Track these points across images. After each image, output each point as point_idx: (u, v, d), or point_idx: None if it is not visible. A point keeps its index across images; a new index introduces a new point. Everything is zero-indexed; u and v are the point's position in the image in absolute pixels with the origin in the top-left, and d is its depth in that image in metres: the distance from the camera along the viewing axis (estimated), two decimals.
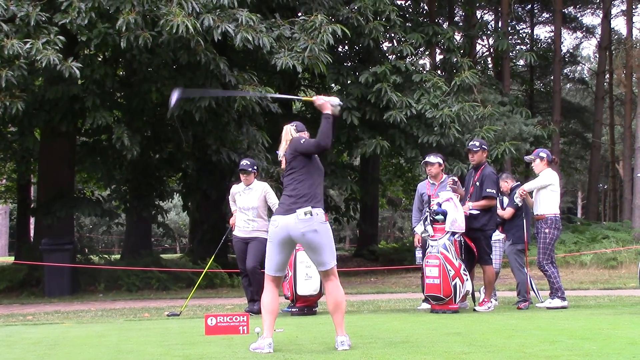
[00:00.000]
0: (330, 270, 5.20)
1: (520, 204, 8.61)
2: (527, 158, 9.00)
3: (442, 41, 18.29)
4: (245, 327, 6.24)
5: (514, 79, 28.33)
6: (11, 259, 23.42)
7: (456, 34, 20.19)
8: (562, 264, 16.60)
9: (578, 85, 36.03)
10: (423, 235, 8.22)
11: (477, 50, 26.18)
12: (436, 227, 7.91)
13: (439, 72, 19.30)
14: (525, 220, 8.65)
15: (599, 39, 28.37)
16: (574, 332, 5.97)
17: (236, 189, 8.75)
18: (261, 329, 5.20)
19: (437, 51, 21.07)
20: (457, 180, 8.48)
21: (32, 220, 19.49)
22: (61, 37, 11.07)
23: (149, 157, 16.19)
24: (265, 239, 5.89)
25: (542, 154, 8.58)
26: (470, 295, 8.27)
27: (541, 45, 30.11)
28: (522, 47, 27.90)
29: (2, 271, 16.07)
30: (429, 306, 8.12)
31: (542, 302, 8.56)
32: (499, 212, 8.68)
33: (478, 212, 8.23)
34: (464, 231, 7.98)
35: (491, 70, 27.20)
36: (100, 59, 13.91)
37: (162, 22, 11.11)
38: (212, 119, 13.48)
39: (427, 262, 7.90)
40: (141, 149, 13.56)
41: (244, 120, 13.81)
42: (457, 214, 7.90)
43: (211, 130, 13.65)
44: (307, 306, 8.29)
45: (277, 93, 15.81)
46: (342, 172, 18.26)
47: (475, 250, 8.21)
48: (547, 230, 8.32)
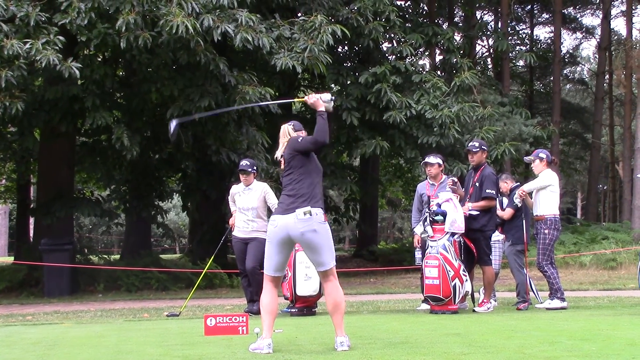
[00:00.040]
0: (329, 270, 5.20)
1: (519, 204, 8.62)
2: (526, 159, 9.00)
3: (441, 42, 18.30)
4: (244, 328, 6.24)
5: (514, 79, 28.32)
6: (11, 259, 23.41)
7: (456, 35, 20.21)
8: (562, 264, 16.59)
9: (578, 85, 36.01)
10: (422, 235, 8.22)
11: (477, 51, 26.19)
12: (436, 227, 7.90)
13: (438, 72, 19.29)
14: (525, 221, 8.65)
15: (598, 40, 28.38)
16: (573, 333, 5.97)
17: (236, 189, 8.76)
18: (260, 329, 5.20)
19: (437, 52, 21.07)
20: (456, 181, 8.48)
21: (31, 220, 19.46)
22: (61, 38, 11.07)
23: (148, 157, 16.17)
24: (264, 239, 5.87)
25: (541, 155, 8.57)
26: (470, 296, 8.27)
27: (541, 46, 30.09)
28: (521, 48, 27.89)
29: (2, 271, 16.05)
30: (428, 307, 8.12)
31: (541, 302, 8.56)
32: (499, 212, 8.68)
33: (477, 212, 8.22)
34: (463, 232, 7.98)
35: (491, 70, 27.20)
36: (100, 59, 13.91)
37: (162, 23, 11.12)
38: (212, 119, 13.47)
39: (426, 262, 7.90)
40: (141, 149, 13.55)
41: (243, 121, 13.80)
42: (456, 214, 7.90)
43: (211, 130, 13.65)
44: (306, 307, 8.29)
45: (277, 93, 15.81)
46: (341, 173, 18.23)
47: (474, 250, 8.21)
48: (547, 231, 8.31)
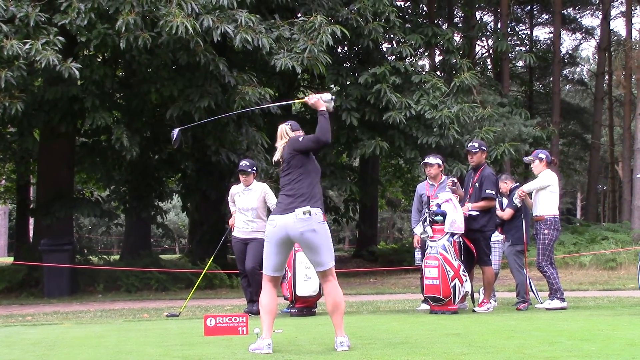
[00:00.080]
0: (329, 270, 5.19)
1: (519, 205, 8.62)
2: (526, 159, 9.00)
3: (441, 42, 18.30)
4: (244, 328, 6.24)
5: (514, 80, 28.33)
6: (10, 259, 23.41)
7: (455, 35, 20.20)
8: (562, 265, 16.59)
9: (577, 86, 36.01)
10: (422, 236, 8.22)
11: (477, 52, 26.20)
12: (435, 228, 7.90)
13: (438, 73, 19.31)
14: (525, 221, 8.65)
15: (598, 40, 28.40)
16: (573, 333, 5.97)
17: (235, 189, 8.76)
18: (260, 329, 5.20)
19: (437, 52, 21.09)
20: (456, 181, 8.48)
21: (31, 220, 19.46)
22: (60, 38, 11.08)
23: (148, 157, 16.18)
24: (264, 239, 5.87)
25: (541, 155, 8.57)
26: (470, 296, 8.27)
27: (540, 47, 30.10)
28: (521, 48, 27.89)
29: (2, 272, 16.04)
30: (428, 307, 8.12)
31: (541, 303, 8.56)
32: (498, 213, 8.68)
33: (477, 213, 8.22)
34: (463, 232, 7.98)
35: (490, 71, 27.18)
36: (99, 59, 13.91)
37: (162, 23, 11.12)
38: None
39: (426, 263, 7.90)
40: (140, 150, 13.56)
41: (243, 121, 13.80)
42: (456, 215, 7.90)
43: (210, 131, 13.65)
44: (306, 307, 8.29)
45: (277, 94, 15.81)
46: (341, 173, 18.23)
47: (474, 251, 8.21)
48: (547, 231, 8.31)
